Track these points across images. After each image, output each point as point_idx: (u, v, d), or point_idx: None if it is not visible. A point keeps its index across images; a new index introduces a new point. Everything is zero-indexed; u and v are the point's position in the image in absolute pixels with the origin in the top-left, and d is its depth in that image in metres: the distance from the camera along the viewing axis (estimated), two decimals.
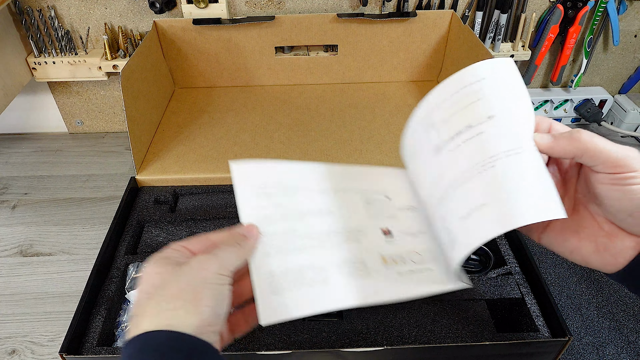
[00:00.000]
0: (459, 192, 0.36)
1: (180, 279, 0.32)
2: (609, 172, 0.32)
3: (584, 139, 0.32)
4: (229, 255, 0.36)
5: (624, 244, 0.34)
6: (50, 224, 0.72)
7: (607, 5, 0.78)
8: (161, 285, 0.32)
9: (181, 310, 0.31)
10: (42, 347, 0.56)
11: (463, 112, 0.37)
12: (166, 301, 0.31)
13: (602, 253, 0.35)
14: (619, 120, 0.88)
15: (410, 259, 0.40)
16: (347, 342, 0.47)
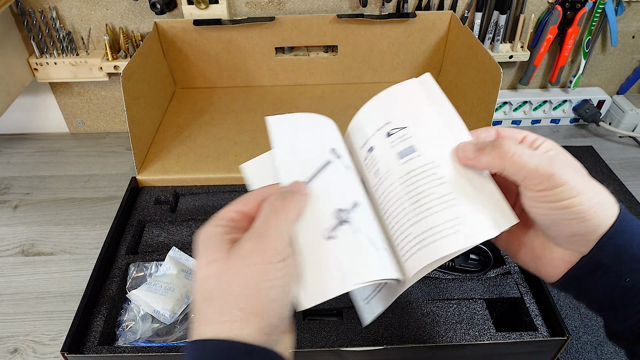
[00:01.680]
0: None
1: (238, 277, 0.29)
2: (530, 188, 0.31)
3: (505, 152, 0.31)
4: (281, 230, 0.30)
5: (554, 255, 0.33)
6: (52, 223, 0.72)
7: (605, 7, 0.79)
8: (219, 286, 0.29)
9: (242, 321, 0.28)
10: (44, 346, 0.56)
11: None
12: (228, 307, 0.28)
13: (537, 263, 0.35)
14: (617, 120, 0.88)
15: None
16: (347, 342, 0.47)
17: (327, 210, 0.33)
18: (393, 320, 0.49)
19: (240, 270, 0.29)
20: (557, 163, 0.31)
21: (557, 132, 0.90)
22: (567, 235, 0.32)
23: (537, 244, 0.34)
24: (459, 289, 0.52)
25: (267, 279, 0.29)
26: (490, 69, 0.63)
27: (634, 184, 0.76)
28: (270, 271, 0.29)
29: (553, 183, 0.30)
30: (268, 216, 0.31)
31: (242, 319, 0.28)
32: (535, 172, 0.30)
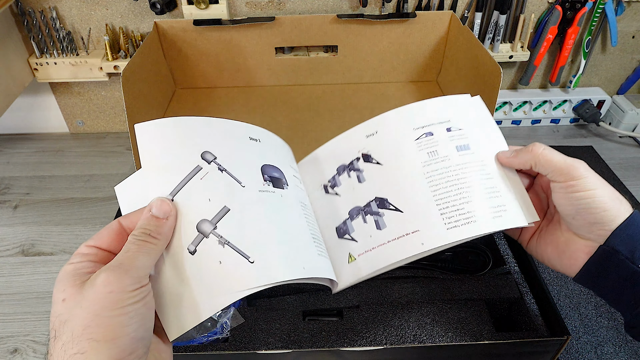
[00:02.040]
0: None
1: (86, 310, 0.27)
2: (557, 180, 0.38)
3: (536, 150, 0.39)
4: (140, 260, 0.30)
5: (576, 247, 0.38)
6: (52, 223, 0.72)
7: (605, 7, 0.79)
8: (66, 320, 0.28)
9: (90, 353, 0.27)
10: (44, 346, 0.56)
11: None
12: (72, 342, 0.27)
13: (561, 257, 0.40)
14: (617, 120, 0.88)
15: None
16: (347, 342, 0.47)
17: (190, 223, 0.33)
18: (393, 320, 0.49)
19: (91, 301, 0.28)
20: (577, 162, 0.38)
21: (557, 132, 0.90)
22: (589, 224, 0.37)
23: (562, 241, 0.40)
24: (459, 289, 0.52)
25: (120, 306, 0.28)
26: (490, 69, 0.63)
27: (634, 184, 0.76)
28: (123, 299, 0.28)
29: (576, 174, 0.37)
30: (129, 248, 0.30)
31: (91, 349, 0.27)
32: (561, 165, 0.38)
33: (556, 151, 0.39)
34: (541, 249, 0.42)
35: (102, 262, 0.31)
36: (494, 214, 0.39)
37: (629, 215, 0.36)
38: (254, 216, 0.36)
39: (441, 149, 0.42)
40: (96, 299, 0.28)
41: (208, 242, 0.33)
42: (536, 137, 0.89)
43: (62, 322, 0.28)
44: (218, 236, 0.33)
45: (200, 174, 0.36)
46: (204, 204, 0.34)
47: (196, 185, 0.35)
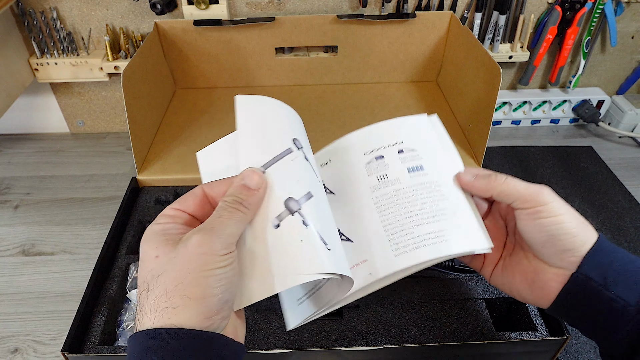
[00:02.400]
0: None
1: (179, 266, 0.29)
2: (522, 207, 0.36)
3: (498, 180, 0.37)
4: (231, 227, 0.31)
5: (547, 276, 0.37)
6: (52, 223, 0.72)
7: (605, 7, 0.79)
8: (159, 275, 0.29)
9: (181, 308, 0.28)
10: (44, 346, 0.56)
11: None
12: (166, 296, 0.29)
13: (531, 287, 0.38)
14: (617, 120, 0.88)
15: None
16: (347, 341, 0.47)
17: (278, 198, 0.34)
18: (393, 320, 0.49)
19: (184, 260, 0.29)
20: (541, 188, 0.36)
21: (557, 132, 0.90)
22: (560, 251, 0.36)
23: (530, 270, 0.38)
24: (458, 289, 0.52)
25: (210, 268, 0.29)
26: (489, 69, 0.63)
27: (634, 184, 0.76)
28: (214, 261, 0.30)
29: (542, 200, 0.36)
30: (221, 213, 0.32)
31: (181, 305, 0.28)
32: (525, 192, 0.36)
33: (517, 179, 0.37)
34: (508, 281, 0.40)
35: (189, 225, 0.33)
36: (448, 236, 0.37)
37: (596, 240, 0.35)
38: (326, 210, 0.37)
39: (391, 172, 0.40)
40: (189, 258, 0.29)
41: (293, 220, 0.33)
42: (536, 137, 0.89)
43: (154, 276, 0.30)
44: (303, 216, 0.34)
45: (291, 156, 0.36)
46: (293, 184, 0.35)
47: (287, 165, 0.36)
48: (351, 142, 0.43)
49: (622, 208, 0.70)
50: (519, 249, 0.40)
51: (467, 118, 0.73)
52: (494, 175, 0.38)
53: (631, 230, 0.66)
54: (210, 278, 0.29)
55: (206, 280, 0.29)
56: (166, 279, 0.29)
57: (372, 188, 0.40)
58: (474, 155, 0.69)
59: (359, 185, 0.41)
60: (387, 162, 0.41)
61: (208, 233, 0.30)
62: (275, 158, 0.36)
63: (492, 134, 0.89)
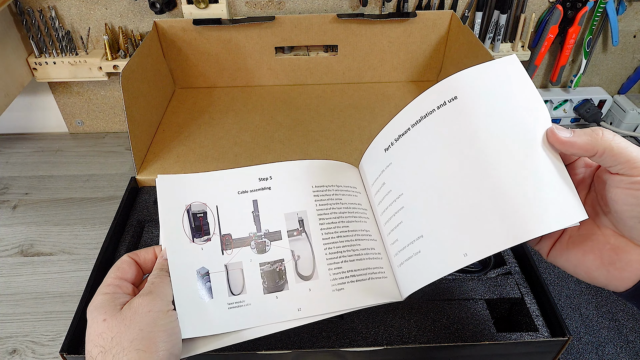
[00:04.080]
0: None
1: (132, 326, 0.34)
2: (628, 174, 0.30)
3: (606, 136, 0.31)
4: (165, 289, 0.37)
5: (631, 257, 0.32)
6: (51, 223, 0.72)
7: (607, 6, 0.78)
8: (113, 336, 0.33)
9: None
10: (43, 347, 0.56)
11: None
12: (123, 352, 0.32)
13: (607, 268, 0.33)
14: (618, 120, 0.88)
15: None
16: (347, 342, 0.47)
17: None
18: (393, 320, 0.49)
19: (133, 320, 0.34)
20: None
21: None
22: None
23: (608, 248, 0.33)
24: (459, 289, 0.52)
25: (158, 324, 0.35)
26: None
27: None
28: (160, 317, 0.35)
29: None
30: (153, 280, 0.38)
31: (138, 357, 0.32)
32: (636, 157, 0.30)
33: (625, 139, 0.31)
34: (575, 258, 0.34)
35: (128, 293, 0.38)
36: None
37: None
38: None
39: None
40: (139, 318, 0.34)
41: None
42: None
43: (108, 339, 0.33)
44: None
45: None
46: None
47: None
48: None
49: None
50: (596, 221, 0.34)
51: None
52: (596, 129, 0.31)
53: None
54: (159, 333, 0.34)
55: (156, 335, 0.34)
56: (121, 338, 0.33)
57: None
58: None
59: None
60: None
61: (149, 296, 0.36)
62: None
63: None
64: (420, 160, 0.38)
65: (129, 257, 0.40)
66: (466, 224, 0.33)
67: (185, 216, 0.42)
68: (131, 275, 0.39)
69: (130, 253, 0.41)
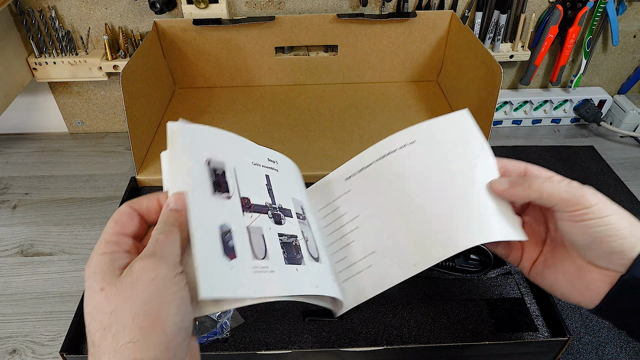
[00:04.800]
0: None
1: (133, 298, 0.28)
2: (565, 210, 0.34)
3: (534, 186, 0.36)
4: (172, 247, 0.31)
5: (593, 277, 0.35)
6: (51, 224, 0.72)
7: (607, 6, 0.78)
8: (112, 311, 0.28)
9: (142, 341, 0.27)
10: (43, 347, 0.56)
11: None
12: (124, 331, 0.27)
13: (576, 287, 0.36)
14: (618, 120, 0.88)
15: None
16: (347, 342, 0.47)
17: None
18: (393, 320, 0.49)
19: (135, 289, 0.28)
20: (584, 190, 0.35)
21: (558, 132, 0.90)
22: (607, 254, 0.34)
23: (574, 269, 0.36)
24: (459, 289, 0.52)
25: (165, 294, 0.28)
26: (490, 68, 0.63)
27: (635, 184, 0.76)
28: (167, 287, 0.29)
29: (586, 203, 0.34)
30: (157, 237, 0.31)
31: (141, 338, 0.27)
32: (567, 196, 0.34)
33: (556, 179, 0.36)
34: (550, 278, 0.38)
35: (131, 251, 0.32)
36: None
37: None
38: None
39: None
40: (141, 287, 0.28)
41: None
42: (537, 137, 0.88)
43: (107, 312, 0.28)
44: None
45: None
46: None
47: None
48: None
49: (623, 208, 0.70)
50: (561, 247, 0.38)
51: None
52: (529, 180, 0.36)
53: None
54: (166, 305, 0.28)
55: (163, 308, 0.28)
56: (121, 313, 0.28)
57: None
58: None
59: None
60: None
61: (152, 258, 0.29)
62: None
63: (493, 134, 0.89)
64: (378, 187, 0.43)
65: (128, 207, 0.33)
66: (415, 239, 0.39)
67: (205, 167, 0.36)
68: (132, 228, 0.33)
69: (130, 201, 0.34)
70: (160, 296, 0.28)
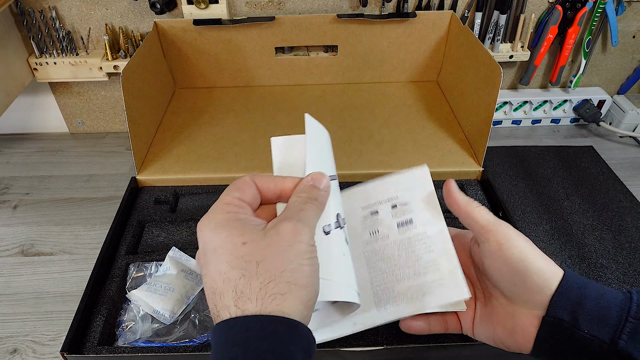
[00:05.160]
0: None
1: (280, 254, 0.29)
2: (484, 239, 0.37)
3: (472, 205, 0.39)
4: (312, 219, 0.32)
5: (523, 321, 0.36)
6: (51, 223, 0.72)
7: (606, 6, 0.79)
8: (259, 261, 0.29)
9: (288, 295, 0.28)
10: (44, 347, 0.56)
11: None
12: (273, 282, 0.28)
13: (512, 335, 0.37)
14: (618, 120, 0.88)
15: None
16: (346, 342, 0.47)
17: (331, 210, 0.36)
18: None
19: (282, 247, 0.29)
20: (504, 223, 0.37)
21: (558, 132, 0.90)
22: (529, 289, 0.35)
23: (508, 317, 0.38)
24: None
25: (308, 257, 0.30)
26: (490, 68, 0.63)
27: (635, 184, 0.76)
28: (309, 250, 0.30)
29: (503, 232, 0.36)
30: (304, 205, 0.33)
31: (288, 291, 0.28)
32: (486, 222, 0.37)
33: (486, 211, 0.39)
34: (490, 332, 0.39)
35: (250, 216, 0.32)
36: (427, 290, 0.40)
37: (562, 277, 0.35)
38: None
39: (382, 227, 0.44)
40: (287, 246, 0.30)
41: (340, 233, 0.36)
42: (536, 137, 0.89)
43: (250, 262, 0.29)
44: (345, 234, 0.37)
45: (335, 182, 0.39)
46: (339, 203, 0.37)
47: (334, 187, 0.38)
48: (354, 195, 0.46)
49: (623, 208, 0.70)
50: (492, 297, 0.40)
51: (467, 118, 0.73)
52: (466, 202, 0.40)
53: (632, 231, 0.66)
54: (307, 267, 0.30)
55: (306, 269, 0.30)
56: (269, 265, 0.29)
57: (365, 242, 0.44)
58: (474, 155, 0.69)
59: (354, 239, 0.44)
60: (381, 217, 0.44)
61: (299, 222, 0.31)
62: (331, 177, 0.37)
63: (493, 134, 0.89)
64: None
65: (250, 179, 0.34)
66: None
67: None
68: (250, 198, 0.33)
69: (252, 175, 0.35)
70: (301, 257, 0.30)
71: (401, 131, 0.74)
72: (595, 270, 0.61)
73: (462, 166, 0.68)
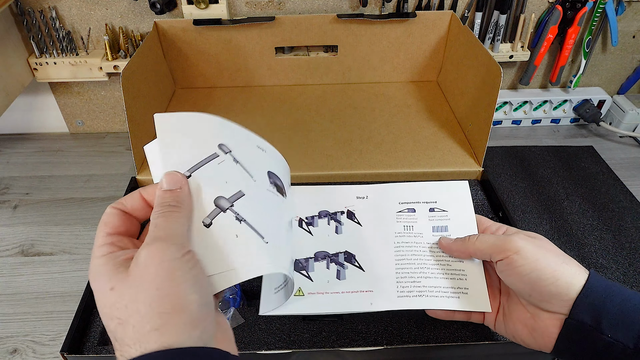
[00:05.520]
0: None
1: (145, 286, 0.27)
2: (498, 259, 0.38)
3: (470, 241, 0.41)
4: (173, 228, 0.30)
5: (545, 322, 0.37)
6: (52, 223, 0.72)
7: (606, 6, 0.79)
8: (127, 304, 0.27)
9: (165, 326, 0.26)
10: (44, 347, 0.56)
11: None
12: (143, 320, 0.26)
13: (532, 334, 0.38)
14: (618, 120, 0.88)
15: None
16: (346, 342, 0.47)
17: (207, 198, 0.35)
18: (393, 320, 0.49)
19: (145, 278, 0.27)
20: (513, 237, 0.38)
21: (558, 132, 0.90)
22: (547, 298, 0.36)
23: (528, 317, 0.38)
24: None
25: (177, 275, 0.27)
26: (490, 68, 0.63)
27: (635, 184, 0.76)
28: (177, 268, 0.28)
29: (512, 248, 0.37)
30: (158, 219, 0.30)
31: (163, 323, 0.26)
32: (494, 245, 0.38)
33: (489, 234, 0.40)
34: (511, 329, 0.40)
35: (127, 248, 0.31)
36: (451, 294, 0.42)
37: (586, 279, 0.35)
38: (264, 207, 0.39)
39: (418, 225, 0.47)
40: (151, 274, 0.27)
41: (225, 217, 0.34)
42: (536, 137, 0.89)
43: (120, 308, 0.27)
44: (235, 213, 0.35)
45: (217, 160, 0.37)
46: (221, 184, 0.36)
47: (213, 168, 0.36)
48: (393, 189, 0.50)
49: (623, 208, 0.70)
50: (514, 297, 0.40)
51: (467, 118, 0.73)
52: (467, 237, 0.41)
53: (632, 231, 0.66)
54: (182, 286, 0.27)
55: (178, 289, 0.27)
56: (137, 304, 0.27)
57: (397, 234, 0.47)
58: (475, 155, 0.69)
59: (385, 227, 0.47)
60: (417, 216, 0.47)
61: (156, 243, 0.28)
62: (201, 162, 0.36)
63: (493, 134, 0.89)
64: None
65: (112, 209, 0.33)
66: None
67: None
68: (123, 227, 0.32)
69: (113, 203, 0.33)
70: (172, 279, 0.27)
71: (401, 131, 0.74)
72: (595, 270, 0.61)
73: (462, 166, 0.68)
